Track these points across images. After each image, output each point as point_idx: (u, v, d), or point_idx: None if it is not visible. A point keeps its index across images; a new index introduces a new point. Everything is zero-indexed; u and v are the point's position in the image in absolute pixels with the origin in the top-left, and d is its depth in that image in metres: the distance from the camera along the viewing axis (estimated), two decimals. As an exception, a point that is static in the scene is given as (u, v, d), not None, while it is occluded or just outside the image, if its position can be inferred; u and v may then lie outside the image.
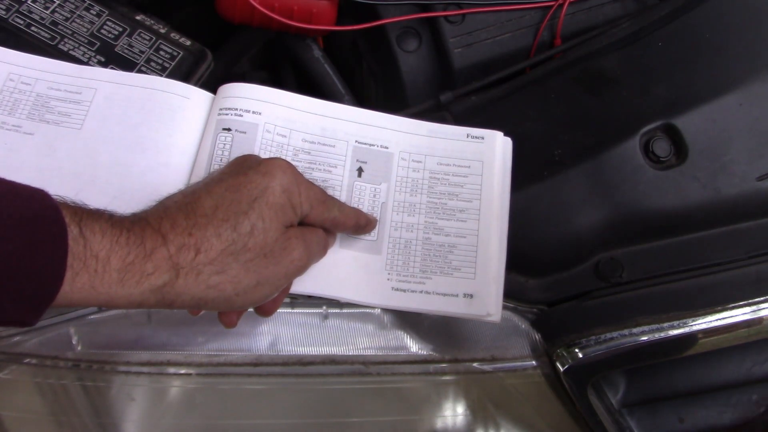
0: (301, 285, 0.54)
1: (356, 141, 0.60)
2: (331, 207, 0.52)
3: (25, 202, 0.40)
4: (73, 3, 0.65)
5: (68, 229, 0.40)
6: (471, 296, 0.56)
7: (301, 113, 0.60)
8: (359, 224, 0.56)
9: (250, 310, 0.53)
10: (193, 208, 0.46)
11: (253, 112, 0.59)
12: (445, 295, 0.57)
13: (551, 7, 0.74)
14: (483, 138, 0.61)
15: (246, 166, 0.49)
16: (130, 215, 0.46)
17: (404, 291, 0.57)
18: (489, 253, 0.58)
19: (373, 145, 0.60)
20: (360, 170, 0.59)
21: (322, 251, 0.53)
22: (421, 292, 0.57)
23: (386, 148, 0.60)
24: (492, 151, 0.60)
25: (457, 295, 0.57)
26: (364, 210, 0.59)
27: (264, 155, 0.58)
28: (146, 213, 0.46)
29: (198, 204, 0.47)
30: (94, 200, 0.44)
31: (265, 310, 0.54)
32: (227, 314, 0.53)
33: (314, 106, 0.61)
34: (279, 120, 0.59)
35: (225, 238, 0.46)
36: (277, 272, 0.48)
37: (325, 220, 0.53)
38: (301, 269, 0.50)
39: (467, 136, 0.61)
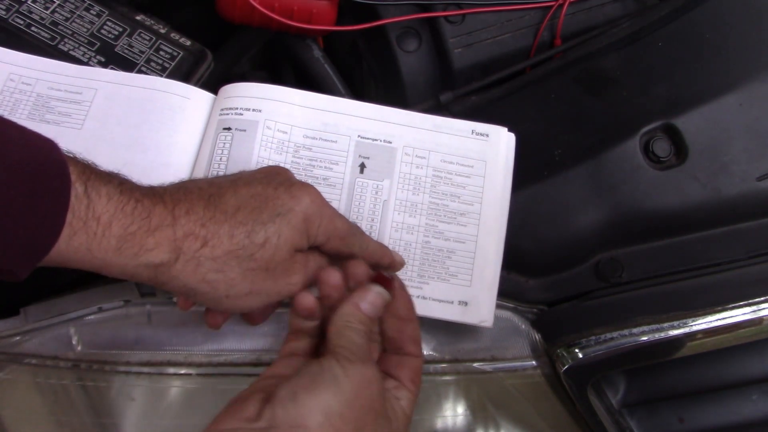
0: None
1: (359, 136, 0.60)
2: (351, 244, 0.52)
3: (32, 150, 0.39)
4: (73, 3, 0.65)
5: (72, 187, 0.40)
6: (466, 304, 0.57)
7: (302, 109, 0.60)
8: (381, 264, 0.55)
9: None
10: (215, 201, 0.46)
11: (254, 110, 0.59)
12: (440, 301, 0.57)
13: (551, 7, 0.74)
14: (488, 135, 0.61)
15: (277, 182, 0.49)
16: (145, 186, 0.45)
17: None
18: (486, 260, 0.58)
19: (376, 139, 0.60)
20: (362, 166, 0.59)
21: None
22: (417, 297, 0.57)
23: (389, 142, 0.60)
24: (496, 150, 0.60)
25: (452, 302, 0.57)
26: (366, 210, 0.58)
27: (265, 152, 0.58)
28: (163, 189, 0.46)
29: (221, 199, 0.46)
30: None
31: (252, 318, 0.54)
32: (213, 315, 0.53)
33: (316, 101, 0.61)
34: (280, 116, 0.59)
35: (236, 241, 0.45)
36: (271, 289, 0.48)
37: (340, 255, 0.52)
38: (294, 292, 0.50)
39: (472, 132, 0.61)
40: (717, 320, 0.57)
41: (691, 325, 0.58)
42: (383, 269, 0.56)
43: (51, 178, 0.39)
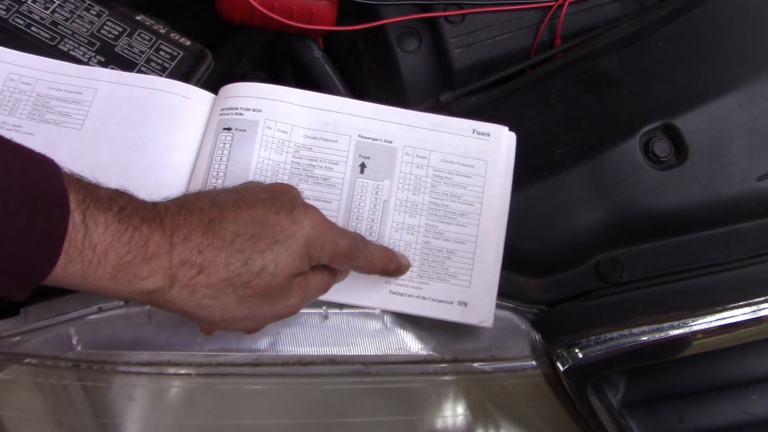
0: None
1: (359, 135, 0.60)
2: (355, 258, 0.52)
3: (35, 178, 0.39)
4: (73, 3, 0.65)
5: (71, 216, 0.40)
6: (465, 304, 0.57)
7: (302, 108, 0.60)
8: (387, 271, 0.55)
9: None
10: (215, 226, 0.46)
11: (254, 110, 0.59)
12: (440, 301, 0.57)
13: (551, 7, 0.74)
14: (488, 135, 0.61)
15: (280, 204, 0.48)
16: (148, 207, 0.45)
17: (401, 295, 0.57)
18: (486, 260, 0.58)
19: (376, 139, 0.60)
20: (363, 166, 0.59)
21: (320, 294, 0.54)
22: (417, 297, 0.57)
23: (390, 142, 0.60)
24: (496, 149, 0.60)
25: (452, 303, 0.57)
26: (366, 210, 0.58)
27: (265, 152, 0.58)
28: (165, 210, 0.45)
29: (221, 224, 0.46)
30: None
31: (248, 330, 0.54)
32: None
33: (316, 100, 0.61)
34: (280, 116, 0.59)
35: (232, 269, 0.45)
36: (268, 312, 0.48)
37: (345, 269, 0.53)
38: (291, 314, 0.50)
39: (473, 131, 0.61)
40: (717, 320, 0.57)
41: (691, 325, 0.58)
42: (390, 274, 0.56)
43: (50, 206, 0.39)
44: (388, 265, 0.55)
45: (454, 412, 0.63)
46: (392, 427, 0.64)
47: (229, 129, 0.59)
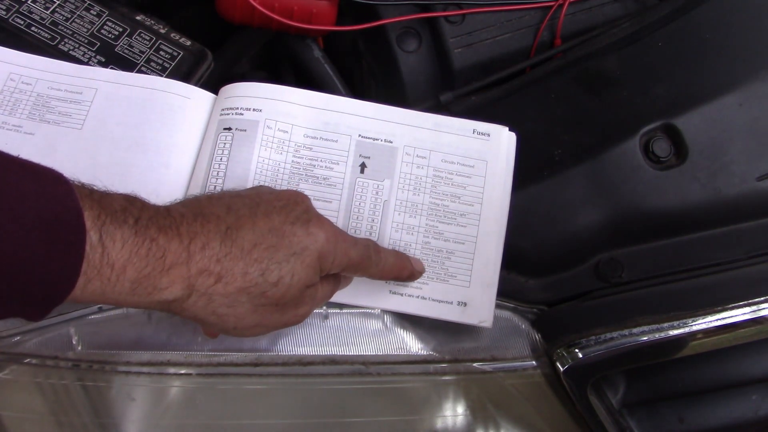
0: None
1: (360, 135, 0.60)
2: (366, 268, 0.52)
3: (49, 203, 0.39)
4: (73, 3, 0.65)
5: (87, 236, 0.39)
6: (465, 304, 0.57)
7: (303, 108, 0.60)
8: (399, 278, 0.55)
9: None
10: (233, 235, 0.45)
11: (254, 110, 0.59)
12: (440, 301, 0.58)
13: (551, 7, 0.74)
14: (488, 135, 0.61)
15: (295, 215, 0.48)
16: (162, 213, 0.44)
17: (401, 295, 0.57)
18: (485, 260, 0.58)
19: (377, 139, 0.60)
20: (363, 166, 0.59)
21: (326, 301, 0.54)
22: (417, 297, 0.57)
23: (390, 142, 0.60)
24: (497, 150, 0.60)
25: (451, 303, 0.57)
26: (366, 210, 0.58)
27: (265, 152, 0.58)
28: (181, 217, 0.45)
29: (239, 233, 0.46)
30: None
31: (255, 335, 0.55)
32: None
33: (317, 100, 0.61)
34: (280, 115, 0.59)
35: (249, 278, 0.45)
36: (279, 321, 0.49)
37: (357, 276, 0.53)
38: (299, 323, 0.51)
39: (473, 131, 0.61)
40: (717, 320, 0.57)
41: (691, 325, 0.58)
42: (403, 280, 0.56)
43: (67, 229, 0.39)
44: (401, 272, 0.55)
45: (454, 412, 0.63)
46: (392, 427, 0.64)
47: (229, 129, 0.59)
